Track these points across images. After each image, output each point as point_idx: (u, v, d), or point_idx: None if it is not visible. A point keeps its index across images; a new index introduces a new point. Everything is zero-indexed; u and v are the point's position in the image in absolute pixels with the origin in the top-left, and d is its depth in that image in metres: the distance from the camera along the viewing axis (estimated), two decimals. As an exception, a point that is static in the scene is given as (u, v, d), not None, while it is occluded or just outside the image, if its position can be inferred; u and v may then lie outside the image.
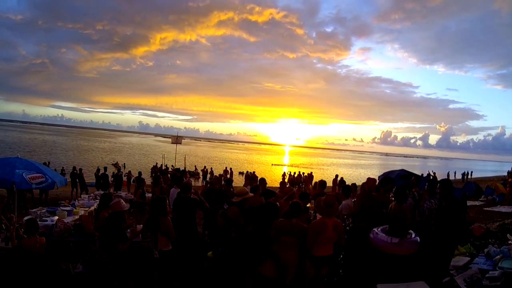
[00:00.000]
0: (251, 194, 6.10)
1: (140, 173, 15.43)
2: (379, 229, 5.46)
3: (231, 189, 8.18)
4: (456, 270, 5.46)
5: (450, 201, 5.26)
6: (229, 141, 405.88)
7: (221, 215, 5.65)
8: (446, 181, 5.60)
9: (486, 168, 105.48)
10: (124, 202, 4.65)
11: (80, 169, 16.69)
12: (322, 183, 7.77)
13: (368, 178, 6.34)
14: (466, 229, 5.14)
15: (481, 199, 18.09)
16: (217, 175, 21.14)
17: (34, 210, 7.39)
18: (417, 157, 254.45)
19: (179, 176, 8.30)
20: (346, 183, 7.16)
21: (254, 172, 26.06)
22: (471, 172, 46.22)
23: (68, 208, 7.47)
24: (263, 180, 7.94)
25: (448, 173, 42.24)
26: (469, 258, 5.85)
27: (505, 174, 49.37)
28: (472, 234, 7.29)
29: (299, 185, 25.44)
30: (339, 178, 20.66)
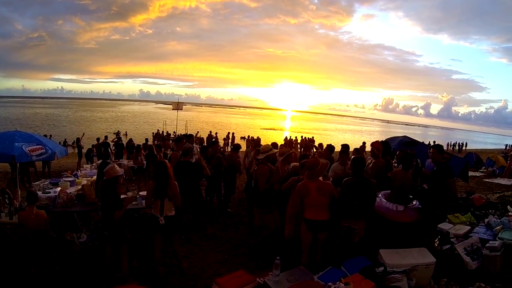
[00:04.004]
0: (275, 151, 6.14)
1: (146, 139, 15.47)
2: (381, 195, 5.48)
3: (238, 155, 8.23)
4: (456, 238, 5.52)
5: (440, 165, 5.27)
6: (231, 106, 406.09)
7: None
8: (440, 146, 5.60)
9: (486, 140, 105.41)
10: (118, 167, 4.65)
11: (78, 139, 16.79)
12: (331, 147, 7.75)
13: (376, 142, 6.33)
14: (453, 195, 5.23)
15: (481, 170, 18.23)
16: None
17: (37, 182, 7.43)
18: (418, 126, 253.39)
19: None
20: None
21: (258, 137, 26.21)
22: (466, 143, 46.24)
23: (70, 179, 7.50)
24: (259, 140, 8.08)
25: (448, 143, 42.19)
26: (469, 227, 5.91)
27: (503, 147, 49.64)
28: (473, 204, 7.33)
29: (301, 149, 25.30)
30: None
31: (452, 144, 42.97)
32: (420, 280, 4.43)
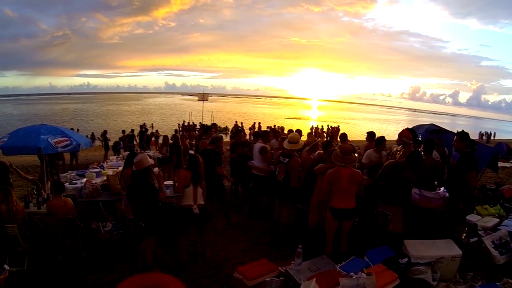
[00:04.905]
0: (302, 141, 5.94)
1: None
2: None
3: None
4: (484, 231, 5.37)
5: (463, 155, 5.12)
6: (257, 96, 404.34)
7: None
8: (464, 133, 5.40)
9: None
10: (148, 158, 4.60)
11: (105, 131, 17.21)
12: (343, 135, 7.91)
13: (404, 131, 6.26)
14: (471, 190, 5.09)
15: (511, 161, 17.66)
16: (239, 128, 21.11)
17: (64, 174, 7.63)
18: (446, 115, 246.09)
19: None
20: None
21: (282, 127, 26.14)
22: (494, 133, 44.83)
23: (96, 170, 7.66)
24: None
25: (480, 132, 41.09)
26: (498, 220, 5.74)
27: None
28: (502, 196, 7.12)
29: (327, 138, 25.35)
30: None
31: (482, 133, 41.82)
32: (445, 273, 4.35)
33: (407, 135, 6.09)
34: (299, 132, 7.59)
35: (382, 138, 6.45)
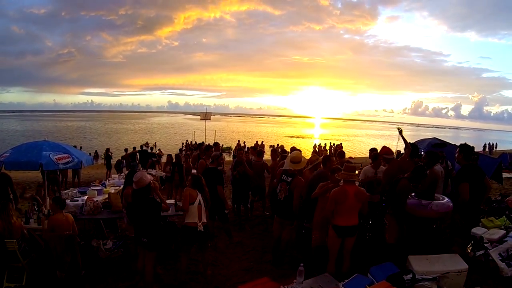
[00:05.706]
0: (305, 160, 5.81)
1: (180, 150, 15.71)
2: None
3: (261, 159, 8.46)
4: (490, 243, 5.28)
5: (464, 167, 5.06)
6: (260, 115, 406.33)
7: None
8: (465, 146, 5.34)
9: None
10: (147, 175, 4.59)
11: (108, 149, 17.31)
12: (341, 153, 7.73)
13: (383, 148, 6.56)
14: (463, 202, 5.00)
15: (516, 172, 17.48)
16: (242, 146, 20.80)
17: (66, 191, 7.62)
18: (449, 128, 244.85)
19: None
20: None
21: (282, 145, 26.25)
22: (496, 144, 44.41)
23: (98, 188, 7.62)
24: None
25: (484, 144, 40.79)
26: (504, 232, 5.65)
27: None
28: (508, 207, 7.02)
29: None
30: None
31: (488, 145, 41.45)
32: (451, 288, 4.26)
33: (387, 151, 6.37)
34: (294, 149, 7.59)
35: (377, 154, 6.47)
